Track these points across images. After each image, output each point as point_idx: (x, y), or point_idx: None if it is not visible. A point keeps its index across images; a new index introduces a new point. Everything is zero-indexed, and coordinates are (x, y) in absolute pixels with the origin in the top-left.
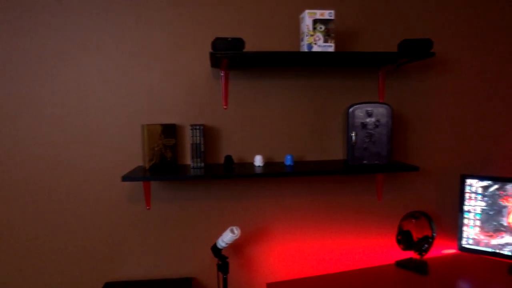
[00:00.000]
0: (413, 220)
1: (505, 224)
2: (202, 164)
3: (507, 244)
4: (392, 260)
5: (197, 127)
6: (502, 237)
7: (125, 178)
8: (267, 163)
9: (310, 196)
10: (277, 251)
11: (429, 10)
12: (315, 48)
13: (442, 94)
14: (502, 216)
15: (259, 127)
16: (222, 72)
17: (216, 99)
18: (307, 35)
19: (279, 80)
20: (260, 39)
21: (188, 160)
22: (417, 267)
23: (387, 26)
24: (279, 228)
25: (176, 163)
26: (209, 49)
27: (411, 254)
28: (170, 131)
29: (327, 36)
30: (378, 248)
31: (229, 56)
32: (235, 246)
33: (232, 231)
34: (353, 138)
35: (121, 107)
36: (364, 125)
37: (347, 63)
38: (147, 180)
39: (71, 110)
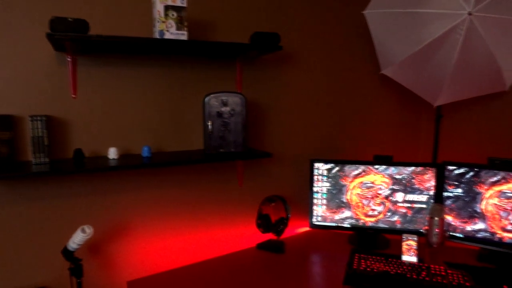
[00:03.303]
0: (271, 204)
1: (344, 200)
2: (47, 160)
3: (347, 218)
4: (254, 244)
5: (38, 118)
6: (343, 212)
7: None
8: (123, 156)
9: (172, 188)
10: (139, 248)
11: (280, 3)
12: (168, 36)
13: (294, 85)
14: (342, 194)
15: (114, 117)
16: (69, 57)
17: (63, 87)
18: (158, 21)
19: (136, 68)
20: (112, 23)
21: (31, 156)
22: (275, 247)
23: (244, 18)
24: (140, 223)
25: (14, 159)
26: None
27: (270, 236)
28: (5, 123)
29: (180, 23)
30: (242, 233)
31: (70, 38)
32: (91, 246)
33: (83, 231)
34: (210, 127)
35: None
36: (220, 114)
37: (204, 53)
38: None
39: None
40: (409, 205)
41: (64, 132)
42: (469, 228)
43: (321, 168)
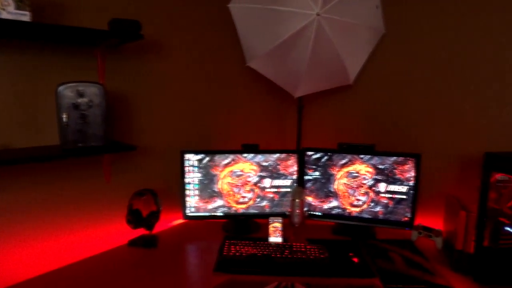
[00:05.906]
0: (141, 198)
1: (216, 190)
2: None
3: (219, 206)
4: (127, 241)
5: None
6: (215, 201)
7: None
8: None
9: (27, 190)
10: None
11: None
12: (4, 15)
13: (162, 75)
14: (214, 183)
15: None
16: None
17: None
18: None
19: None
20: None
21: None
22: (147, 242)
23: (107, 2)
24: None
25: None
26: None
27: (142, 231)
28: None
29: (20, 2)
30: (112, 231)
31: None
32: None
33: None
34: (65, 120)
35: None
36: (76, 106)
37: (57, 39)
38: None
39: None
40: (276, 190)
41: None
42: (326, 206)
43: (191, 159)
